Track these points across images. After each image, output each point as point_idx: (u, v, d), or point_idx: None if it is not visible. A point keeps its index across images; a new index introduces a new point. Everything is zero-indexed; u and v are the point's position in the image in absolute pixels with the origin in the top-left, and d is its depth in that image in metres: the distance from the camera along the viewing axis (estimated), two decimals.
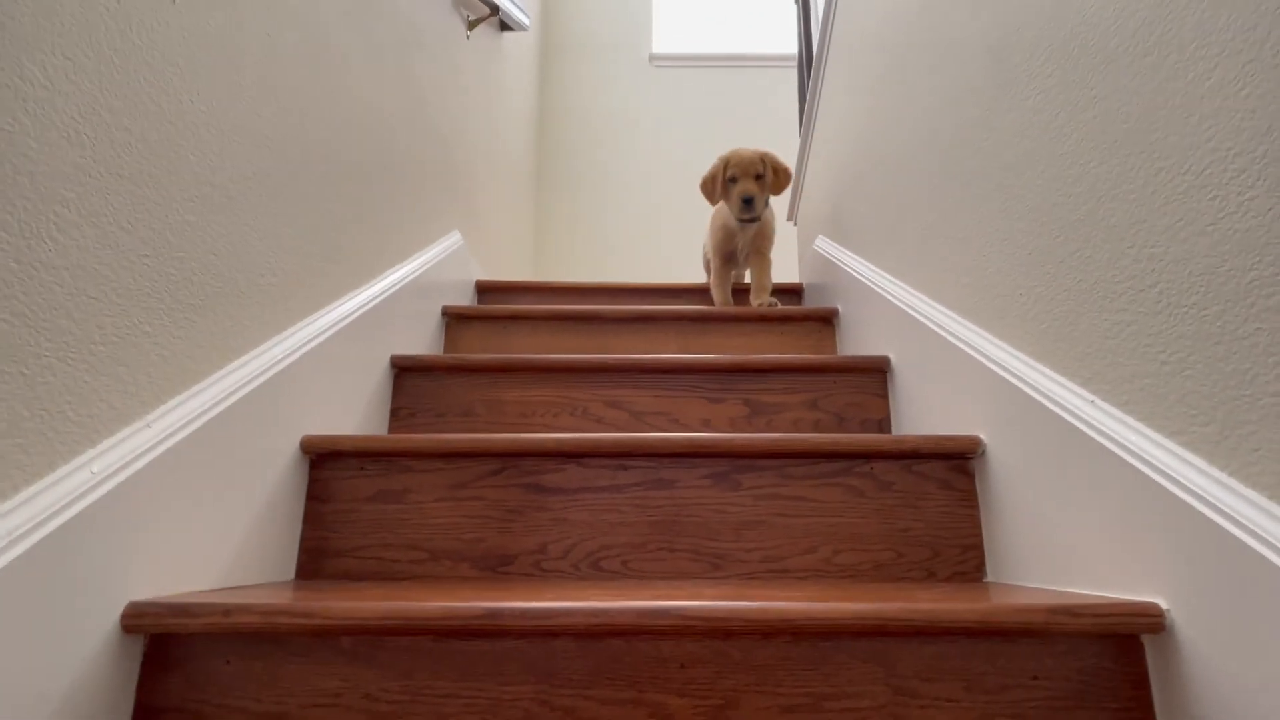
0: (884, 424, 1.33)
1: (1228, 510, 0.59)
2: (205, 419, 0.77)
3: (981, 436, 0.99)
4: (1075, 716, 0.64)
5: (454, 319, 1.73)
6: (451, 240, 1.87)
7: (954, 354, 1.07)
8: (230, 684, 0.65)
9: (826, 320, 1.72)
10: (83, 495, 0.60)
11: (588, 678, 0.65)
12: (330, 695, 0.65)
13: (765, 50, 3.93)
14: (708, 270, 2.29)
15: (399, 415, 1.35)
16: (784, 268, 2.44)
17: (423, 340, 1.58)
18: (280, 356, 0.94)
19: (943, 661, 0.65)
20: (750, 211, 1.83)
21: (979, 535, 0.97)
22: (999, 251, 0.98)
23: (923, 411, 1.20)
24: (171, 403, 0.74)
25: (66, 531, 0.58)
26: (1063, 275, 0.84)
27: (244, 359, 0.87)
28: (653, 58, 3.94)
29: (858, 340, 1.57)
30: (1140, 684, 0.66)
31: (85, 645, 0.60)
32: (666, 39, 4.02)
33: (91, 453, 0.63)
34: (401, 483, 1.01)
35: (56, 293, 0.59)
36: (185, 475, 0.73)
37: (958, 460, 1.00)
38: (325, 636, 0.66)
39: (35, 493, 0.57)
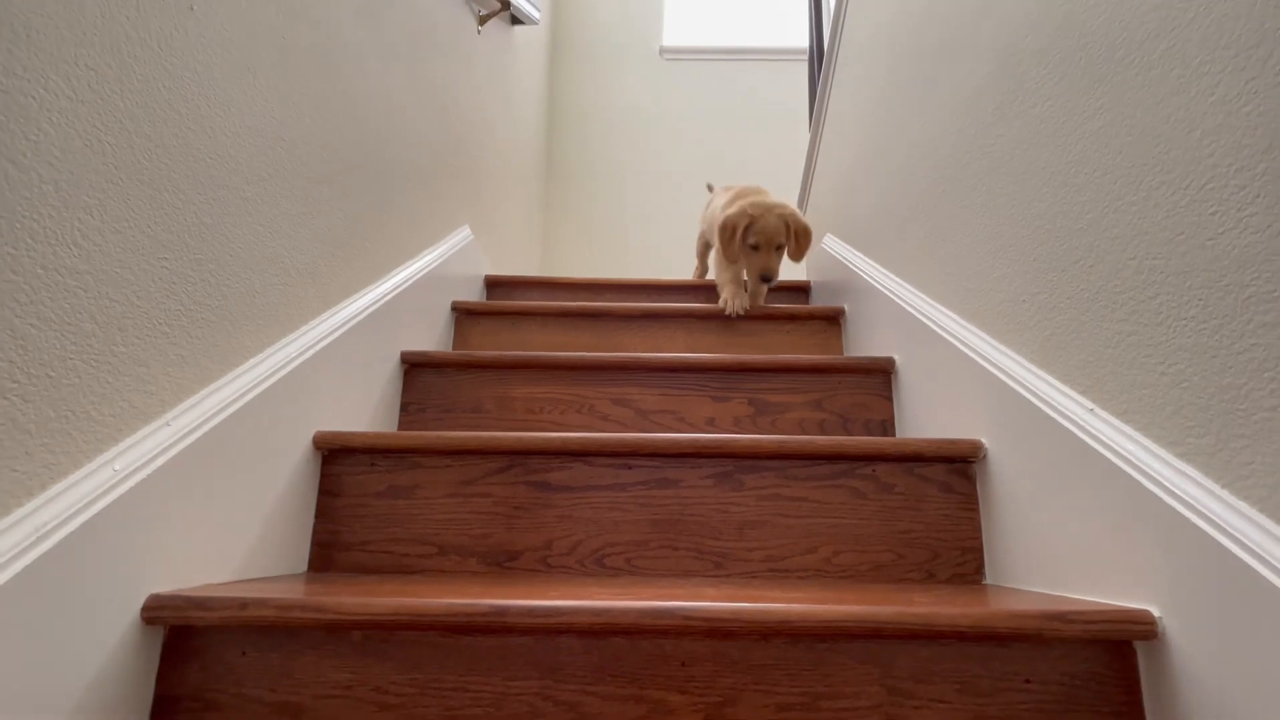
0: (888, 425, 1.34)
1: (1220, 522, 0.60)
2: (222, 417, 0.79)
3: (983, 441, 1.00)
4: (1066, 719, 0.66)
5: (463, 314, 1.75)
6: (461, 235, 1.88)
7: (958, 358, 1.08)
8: (245, 675, 0.68)
9: (833, 319, 1.73)
10: (106, 492, 0.62)
11: (591, 674, 0.67)
12: (341, 687, 0.67)
13: (776, 44, 3.91)
14: (701, 258, 2.35)
15: (409, 410, 1.37)
16: (792, 264, 2.44)
17: (432, 336, 1.60)
18: (294, 354, 0.96)
19: (937, 664, 0.67)
20: (768, 284, 1.74)
21: (979, 538, 0.98)
22: (1003, 258, 0.99)
23: (926, 414, 1.21)
24: (189, 401, 0.76)
25: (91, 527, 0.60)
26: (1065, 283, 0.84)
27: (259, 357, 0.89)
28: (663, 50, 3.92)
29: (864, 340, 1.58)
30: (1132, 689, 0.67)
31: (108, 636, 0.63)
32: (677, 32, 4.01)
33: (114, 450, 0.65)
34: (411, 479, 1.03)
35: (80, 297, 0.61)
36: (202, 472, 0.76)
37: (959, 464, 1.01)
38: (337, 631, 0.68)
39: (62, 490, 0.59)
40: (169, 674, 0.68)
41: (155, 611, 0.66)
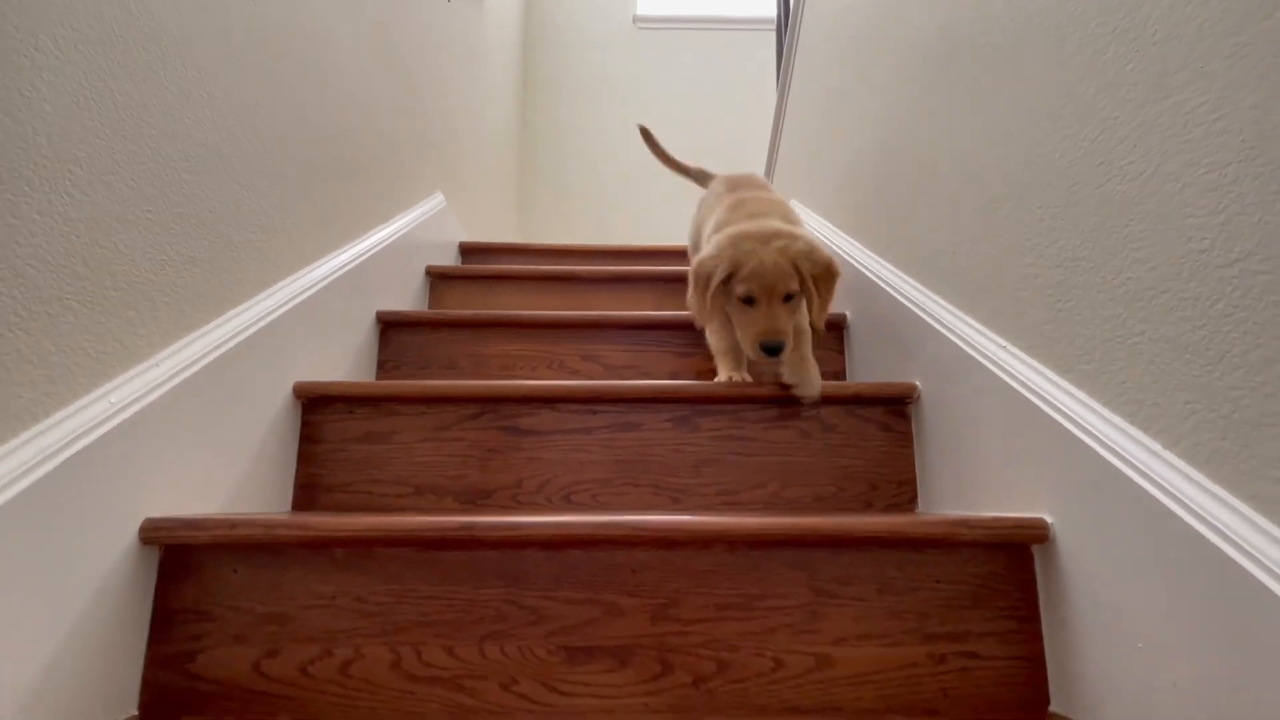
0: (840, 376, 1.42)
1: (1101, 436, 0.69)
2: (206, 361, 0.85)
3: (917, 383, 1.08)
4: (970, 614, 0.75)
5: (437, 278, 1.80)
6: (434, 202, 1.93)
7: (898, 309, 1.16)
8: (237, 589, 0.75)
9: None
10: (104, 421, 0.68)
11: (551, 582, 0.75)
12: (326, 598, 0.75)
13: (752, 13, 3.93)
14: (693, 254, 1.50)
15: (385, 368, 1.43)
16: None
17: (407, 298, 1.65)
18: (273, 307, 1.01)
19: (858, 568, 0.75)
20: (777, 358, 1.05)
21: (913, 472, 1.07)
22: (930, 216, 1.07)
23: (873, 364, 1.29)
24: (175, 345, 0.82)
25: (91, 452, 0.66)
26: (986, 238, 0.92)
27: (239, 308, 0.95)
28: (637, 19, 3.93)
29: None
30: (1028, 587, 0.76)
31: (109, 553, 0.69)
32: (651, 1, 4.01)
33: (108, 385, 0.71)
34: (388, 425, 1.10)
35: (74, 242, 0.67)
36: (190, 411, 0.82)
37: (897, 405, 1.10)
38: (320, 547, 0.75)
39: (63, 417, 0.65)
40: (166, 590, 0.75)
41: (152, 532, 0.73)
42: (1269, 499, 0.53)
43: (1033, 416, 0.78)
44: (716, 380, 1.15)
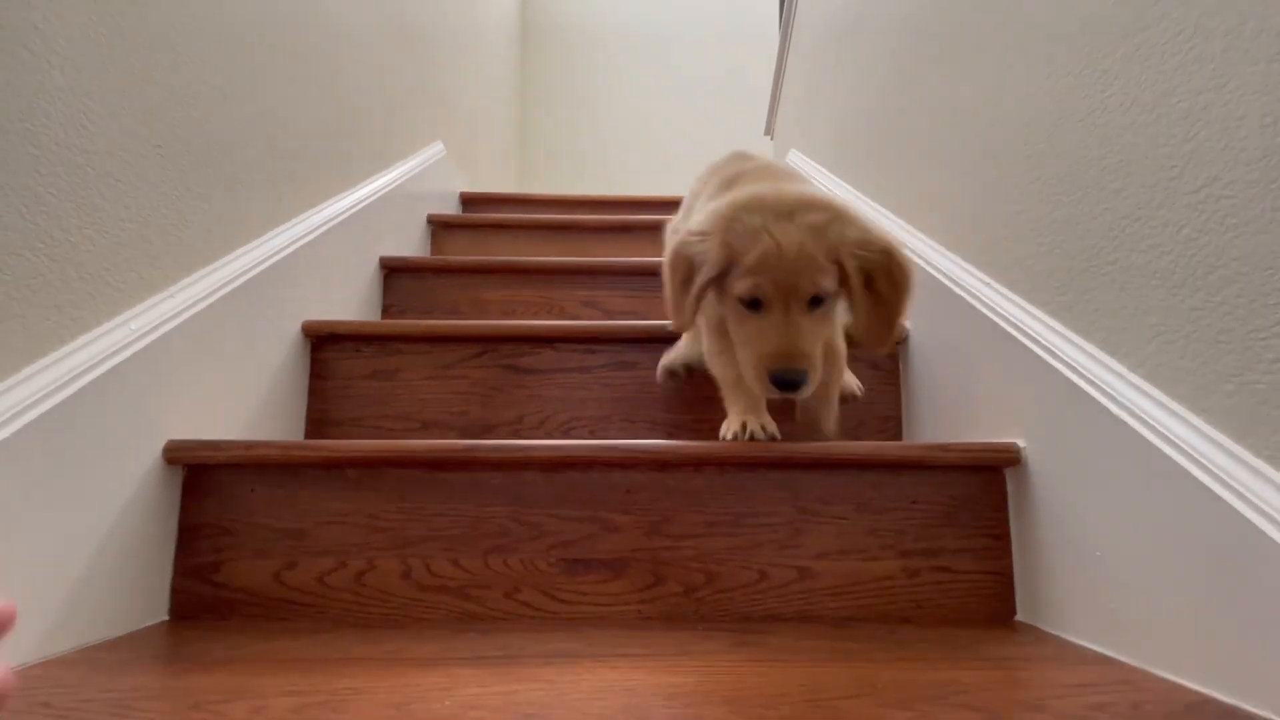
0: None
1: (1072, 363, 0.72)
2: (219, 295, 0.88)
3: (907, 324, 1.11)
4: (944, 532, 0.80)
5: (439, 227, 1.82)
6: (434, 150, 1.93)
7: None
8: (256, 506, 0.80)
9: None
10: (125, 347, 0.72)
11: (552, 501, 0.80)
12: (340, 515, 0.79)
13: None
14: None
15: (389, 312, 1.46)
16: None
17: (410, 245, 1.67)
18: (281, 246, 1.04)
19: (839, 489, 0.80)
20: (794, 394, 0.73)
21: (899, 407, 1.11)
22: (921, 164, 1.08)
23: None
24: (189, 279, 0.85)
25: (115, 374, 0.70)
26: (970, 179, 0.94)
27: (248, 246, 0.98)
28: None
29: None
30: (999, 507, 0.81)
31: (136, 471, 0.74)
32: None
33: (128, 313, 0.75)
34: (394, 363, 1.13)
35: (90, 174, 0.70)
36: (205, 342, 0.85)
37: None
38: (334, 468, 0.80)
39: (88, 340, 0.69)
40: (190, 507, 0.80)
41: (174, 453, 0.78)
42: (1220, 411, 0.56)
43: (1011, 348, 0.81)
44: (724, 431, 0.82)
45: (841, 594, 0.78)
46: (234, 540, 0.79)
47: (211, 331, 0.87)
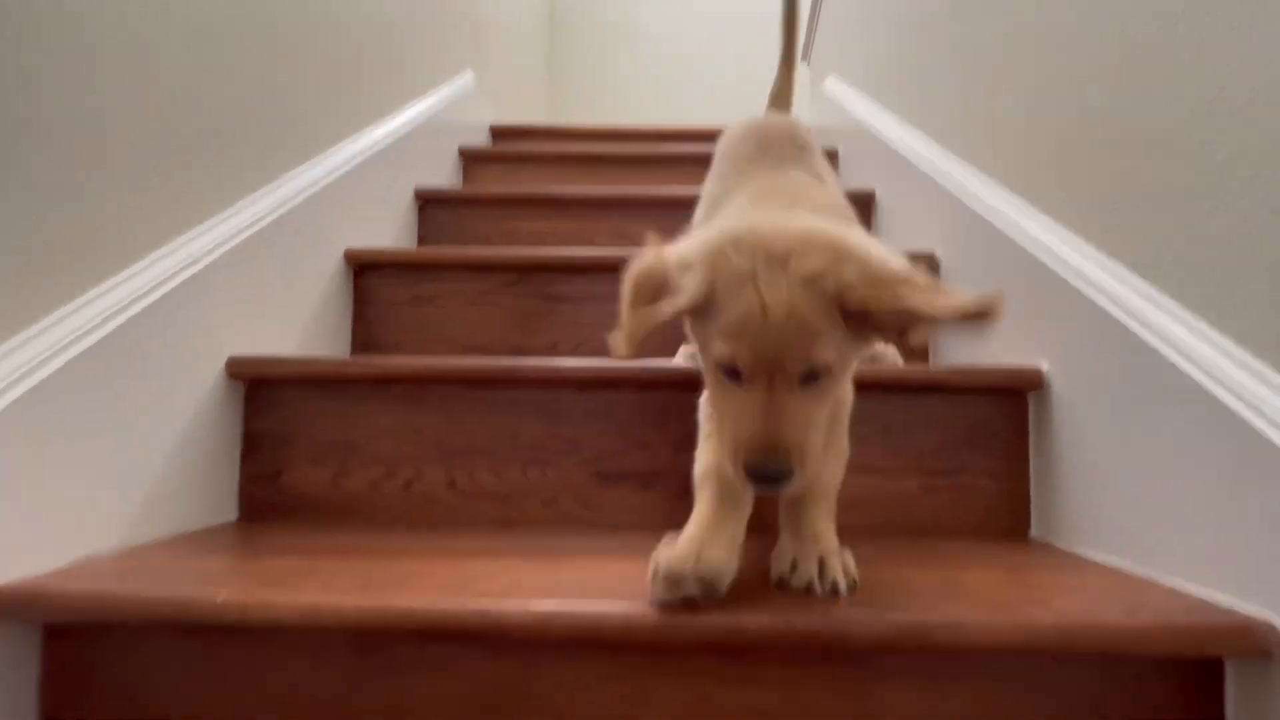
0: None
1: (1099, 284, 0.72)
2: (262, 224, 0.92)
3: (938, 251, 1.11)
4: (965, 453, 0.82)
5: (470, 160, 1.83)
6: (464, 80, 1.92)
7: (922, 180, 1.18)
8: (313, 418, 0.85)
9: (831, 157, 1.79)
10: (185, 268, 0.77)
11: (585, 418, 0.84)
12: (388, 428, 0.85)
13: None
14: None
15: (424, 243, 1.50)
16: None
17: (442, 177, 1.69)
18: (319, 177, 1.07)
19: (865, 410, 0.82)
20: (774, 490, 0.53)
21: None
22: (954, 78, 1.06)
23: (898, 235, 1.32)
24: (232, 210, 0.89)
25: (178, 293, 0.75)
26: (1001, 93, 0.92)
27: (286, 176, 1.01)
28: None
29: (857, 174, 1.66)
30: (1021, 432, 0.83)
31: (202, 384, 0.80)
32: None
33: (186, 236, 0.79)
34: (433, 289, 1.18)
35: (145, 106, 0.73)
36: (255, 268, 0.90)
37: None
38: (383, 384, 0.85)
39: (156, 258, 0.74)
40: (251, 418, 0.86)
41: (236, 367, 0.83)
42: (1245, 334, 0.57)
43: (1041, 274, 0.82)
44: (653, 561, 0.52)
45: (863, 506, 0.82)
46: (291, 450, 0.85)
47: (261, 257, 0.91)
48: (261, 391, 0.86)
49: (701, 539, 0.52)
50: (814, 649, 0.52)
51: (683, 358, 0.96)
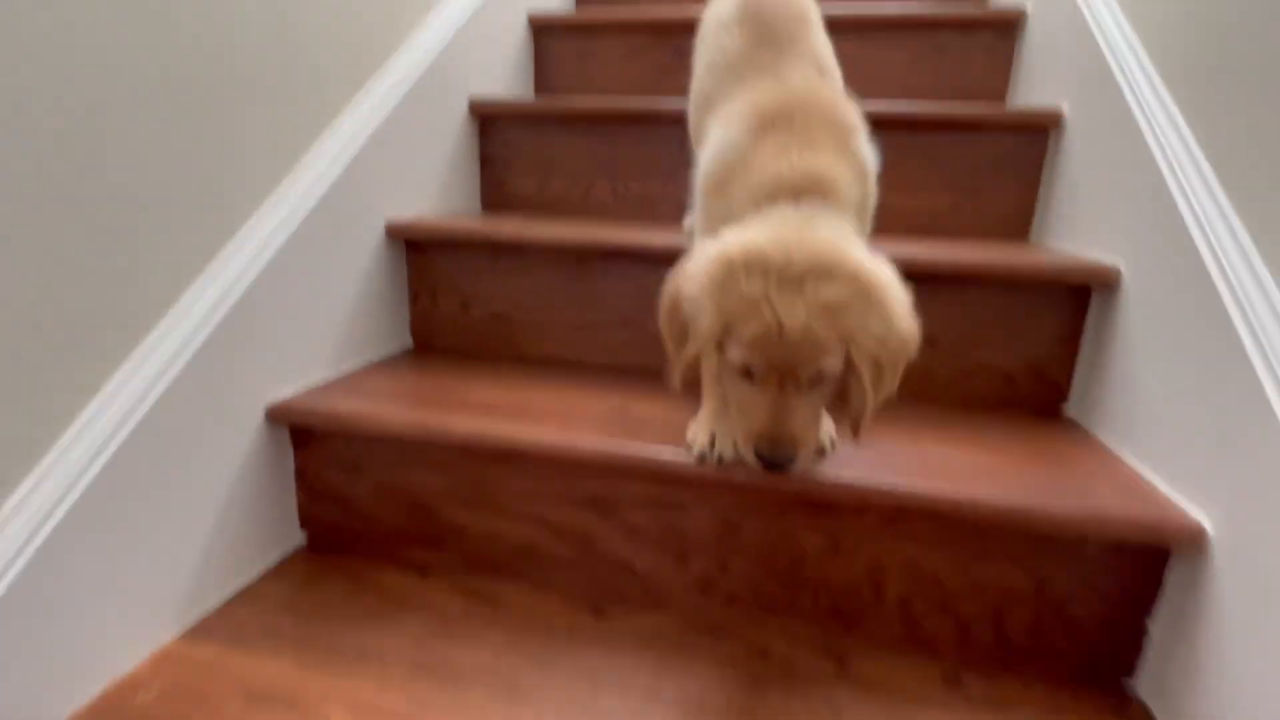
0: (1000, 94, 1.37)
1: (1188, 188, 0.72)
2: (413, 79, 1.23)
3: (1064, 107, 1.10)
4: (1012, 343, 0.92)
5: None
6: None
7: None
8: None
9: None
10: (278, 230, 0.83)
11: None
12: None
13: None
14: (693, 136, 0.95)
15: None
16: None
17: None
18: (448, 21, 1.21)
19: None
20: (780, 473, 0.66)
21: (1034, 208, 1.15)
22: None
23: (1041, 82, 1.23)
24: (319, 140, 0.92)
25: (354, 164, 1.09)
26: None
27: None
28: None
29: None
30: (1077, 331, 0.90)
31: (370, 238, 1.21)
32: None
33: (274, 197, 0.85)
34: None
35: (184, 101, 0.70)
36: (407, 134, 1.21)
37: (1039, 134, 1.13)
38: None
39: (247, 235, 0.80)
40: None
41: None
42: None
43: (1141, 161, 0.81)
44: (690, 440, 0.74)
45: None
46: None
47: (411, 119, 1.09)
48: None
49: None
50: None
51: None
